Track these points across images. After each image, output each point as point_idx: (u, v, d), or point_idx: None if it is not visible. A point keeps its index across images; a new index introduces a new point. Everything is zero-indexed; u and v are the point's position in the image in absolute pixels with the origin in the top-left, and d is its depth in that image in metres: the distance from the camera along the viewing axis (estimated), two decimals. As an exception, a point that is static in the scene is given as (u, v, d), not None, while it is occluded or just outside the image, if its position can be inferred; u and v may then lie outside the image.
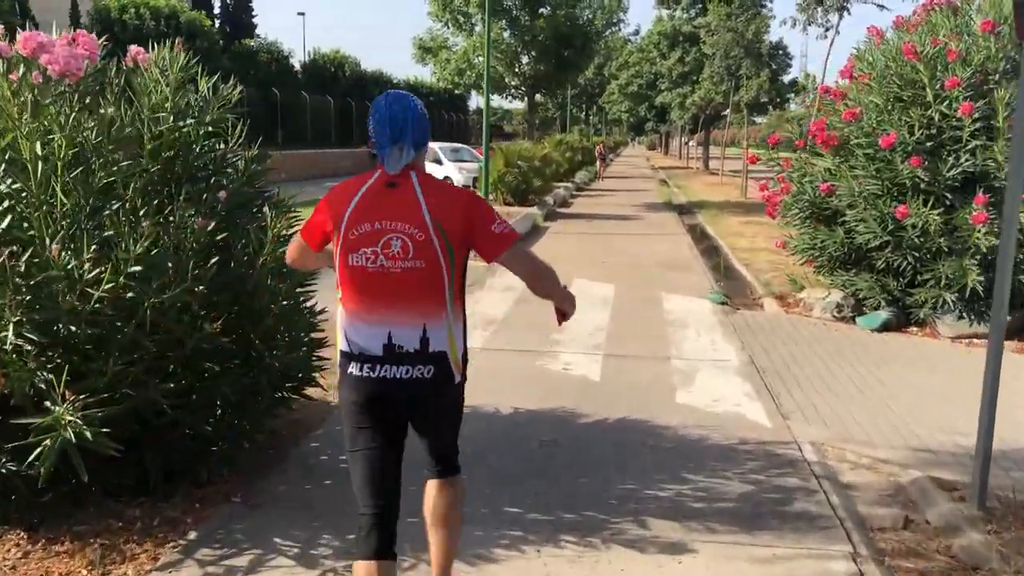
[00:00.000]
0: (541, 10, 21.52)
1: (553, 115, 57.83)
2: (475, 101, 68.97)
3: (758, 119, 42.48)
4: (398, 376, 2.55)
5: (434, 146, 25.41)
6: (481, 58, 20.16)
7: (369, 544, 2.58)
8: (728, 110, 35.57)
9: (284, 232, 4.24)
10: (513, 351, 7.16)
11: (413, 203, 2.50)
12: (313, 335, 4.64)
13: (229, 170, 4.57)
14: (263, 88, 35.97)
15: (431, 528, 2.89)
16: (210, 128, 4.45)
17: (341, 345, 2.63)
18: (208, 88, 4.54)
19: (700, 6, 41.19)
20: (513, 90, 22.73)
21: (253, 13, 57.90)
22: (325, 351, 4.61)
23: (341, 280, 2.59)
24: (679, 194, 28.56)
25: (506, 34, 21.27)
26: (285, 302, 4.29)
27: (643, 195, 27.39)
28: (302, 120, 38.67)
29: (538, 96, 25.31)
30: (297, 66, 46.57)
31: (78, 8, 30.62)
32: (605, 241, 15.07)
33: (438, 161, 24.77)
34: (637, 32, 50.51)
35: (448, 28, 21.55)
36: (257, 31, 55.30)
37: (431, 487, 2.87)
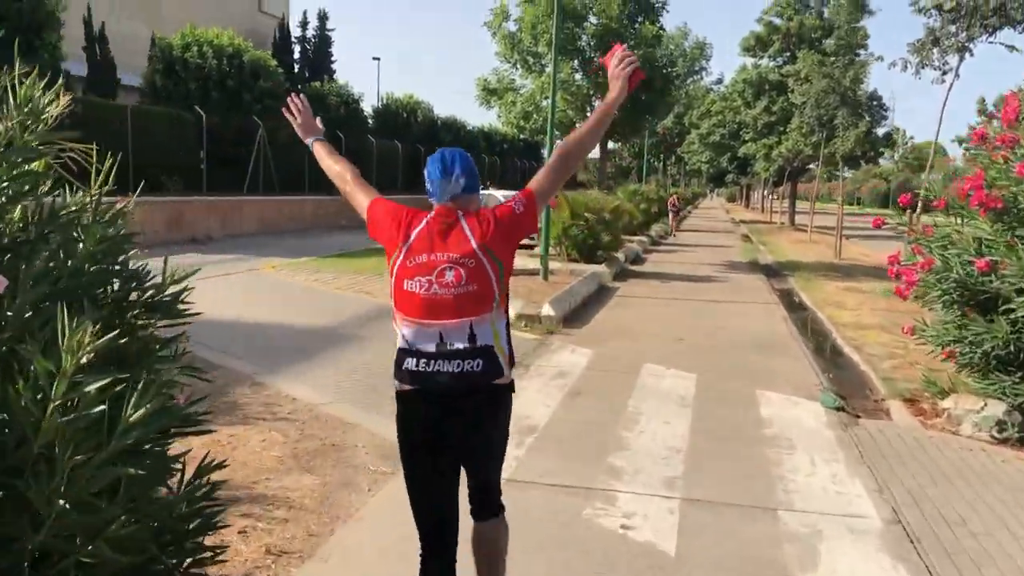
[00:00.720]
0: (617, 51, 19.72)
1: (630, 164, 56.08)
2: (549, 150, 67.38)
3: (847, 173, 39.94)
4: (451, 371, 2.83)
5: (497, 194, 23.72)
6: (548, 102, 18.33)
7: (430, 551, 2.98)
8: (818, 162, 33.12)
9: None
10: (551, 487, 5.14)
11: (462, 236, 2.87)
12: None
13: (51, 233, 2.66)
14: (331, 132, 35.05)
15: (478, 561, 3.13)
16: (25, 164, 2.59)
17: (399, 343, 2.93)
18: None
19: (788, 54, 39.04)
20: (584, 136, 21.03)
21: (332, 59, 58.01)
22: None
23: (397, 299, 2.92)
24: (765, 252, 26.20)
25: (578, 76, 19.53)
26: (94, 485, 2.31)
27: (725, 252, 25.13)
28: (369, 165, 37.62)
29: (611, 143, 23.40)
30: (369, 111, 45.94)
31: (93, 30, 29.75)
32: (682, 310, 12.97)
33: (502, 211, 23.06)
34: (720, 81, 48.55)
35: (516, 69, 19.93)
36: (335, 76, 55.27)
37: (473, 531, 3.11)
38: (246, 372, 7.65)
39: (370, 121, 44.36)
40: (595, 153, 29.13)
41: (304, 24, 56.54)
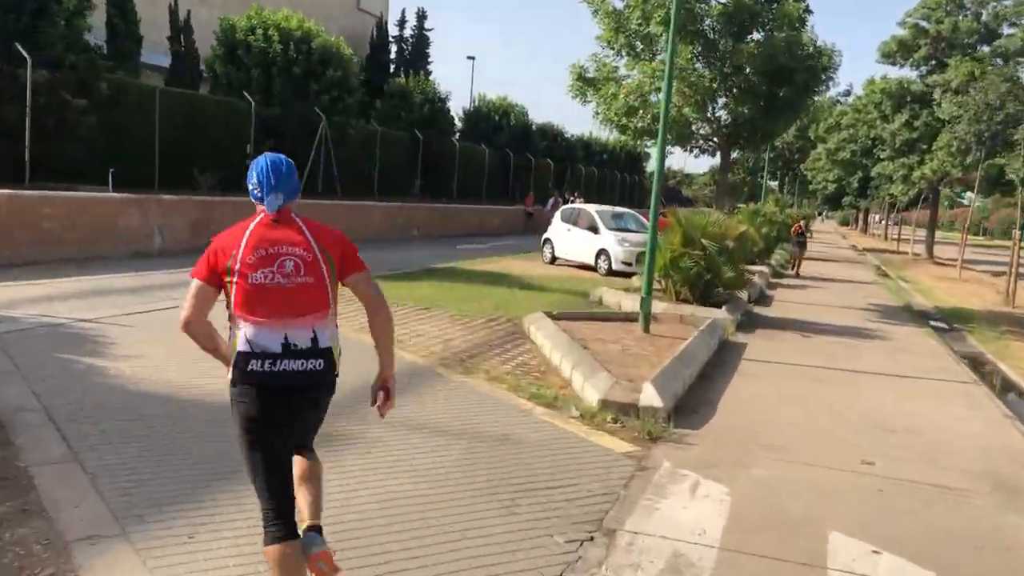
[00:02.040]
0: (753, 35, 15.60)
1: (744, 179, 51.21)
2: (655, 162, 63.59)
3: (970, 198, 34.47)
4: (295, 369, 3.16)
5: (590, 210, 19.84)
6: (661, 95, 14.40)
7: (276, 532, 3.18)
8: (972, 187, 28.04)
9: None
10: None
11: (298, 231, 3.21)
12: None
13: None
14: (411, 132, 31.89)
15: (302, 483, 3.40)
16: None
17: (240, 347, 3.12)
18: None
19: (934, 62, 33.91)
20: (702, 141, 16.82)
21: (429, 59, 55.18)
22: None
23: (241, 299, 3.11)
24: (913, 292, 21.51)
25: (699, 64, 15.51)
26: None
27: (864, 291, 20.59)
28: (450, 170, 34.27)
29: (735, 152, 19.23)
30: (460, 112, 42.77)
31: (179, 20, 27.44)
32: (844, 388, 8.86)
33: (593, 229, 19.17)
34: (848, 92, 43.32)
35: (620, 56, 16.05)
36: (430, 75, 52.32)
37: (298, 463, 3.43)
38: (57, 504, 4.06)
39: (458, 123, 41.16)
40: (692, 165, 24.87)
41: (402, 23, 54.05)
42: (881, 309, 16.91)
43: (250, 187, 3.26)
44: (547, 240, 20.80)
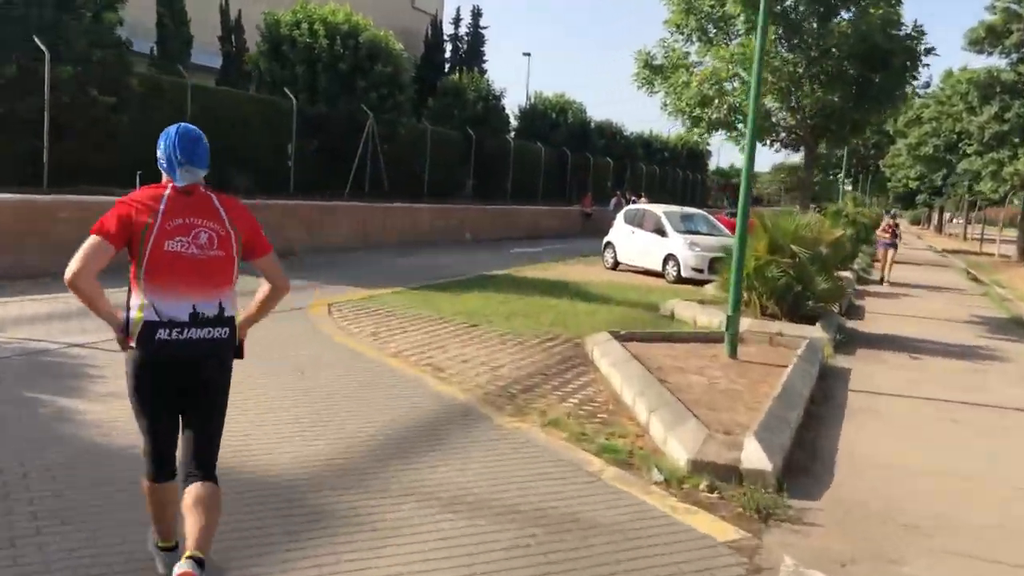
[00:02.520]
0: (841, 14, 13.81)
1: (831, 172, 48.18)
2: (716, 159, 61.34)
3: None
4: (202, 337, 3.25)
5: (657, 211, 18.23)
6: (738, 83, 12.81)
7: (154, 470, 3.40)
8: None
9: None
10: None
11: (213, 206, 3.31)
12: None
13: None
14: (464, 131, 30.58)
15: (193, 509, 3.21)
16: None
17: (146, 316, 3.17)
18: None
19: (1028, 48, 31.31)
20: (784, 134, 15.04)
21: (484, 58, 53.85)
22: None
23: (152, 265, 3.15)
24: (1014, 300, 19.38)
25: (781, 48, 13.77)
26: None
27: (961, 300, 18.57)
28: (504, 169, 32.86)
29: (822, 147, 17.35)
30: (516, 110, 41.39)
31: (230, 20, 26.61)
32: (995, 436, 7.16)
33: (660, 231, 17.55)
34: (928, 85, 40.69)
35: (691, 42, 14.42)
36: (486, 72, 50.86)
37: (194, 488, 3.28)
38: None
39: (514, 121, 39.76)
40: (758, 162, 22.80)
41: (457, 21, 52.88)
42: (988, 322, 14.97)
43: (159, 157, 3.30)
44: (608, 244, 19.22)
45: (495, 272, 16.57)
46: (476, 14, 53.48)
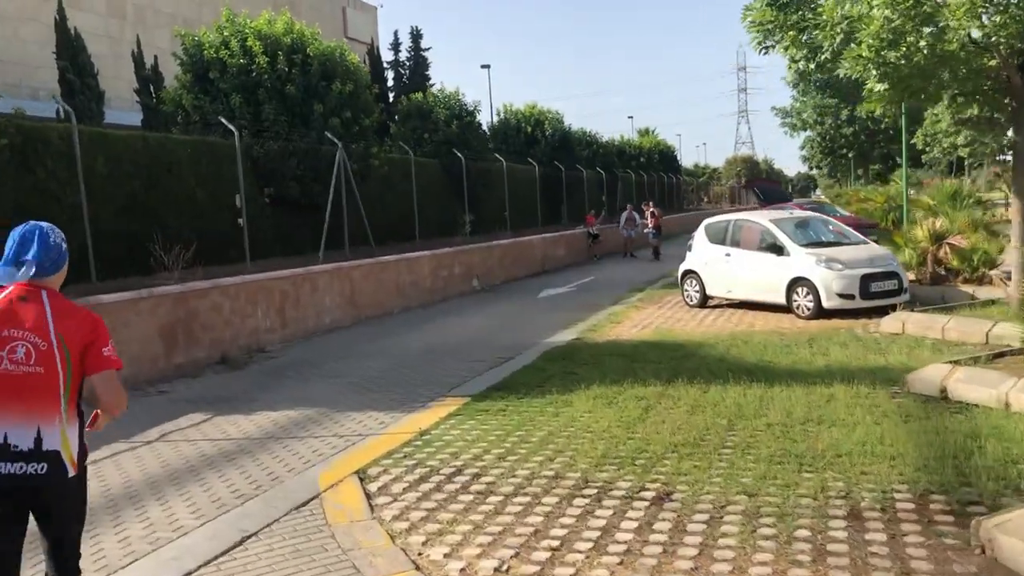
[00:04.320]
0: None
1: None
2: (687, 158, 57.19)
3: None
4: (12, 472, 2.88)
5: (760, 221, 13.28)
6: (951, 20, 7.45)
7: None
8: None
9: None
10: None
11: (39, 314, 2.94)
12: None
13: None
14: (447, 154, 25.45)
15: None
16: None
17: None
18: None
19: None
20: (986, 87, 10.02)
21: (431, 82, 48.70)
22: None
23: None
24: None
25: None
26: None
27: None
28: (497, 196, 27.75)
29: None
30: (484, 128, 36.35)
31: (145, 66, 21.48)
32: None
33: (776, 248, 12.53)
34: None
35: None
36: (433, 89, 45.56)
37: None
38: None
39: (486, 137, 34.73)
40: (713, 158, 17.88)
41: (396, 46, 47.80)
42: None
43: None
44: (690, 273, 14.15)
45: (557, 338, 11.44)
46: (416, 36, 48.69)
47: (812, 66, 9.68)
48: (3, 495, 2.90)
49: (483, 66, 42.25)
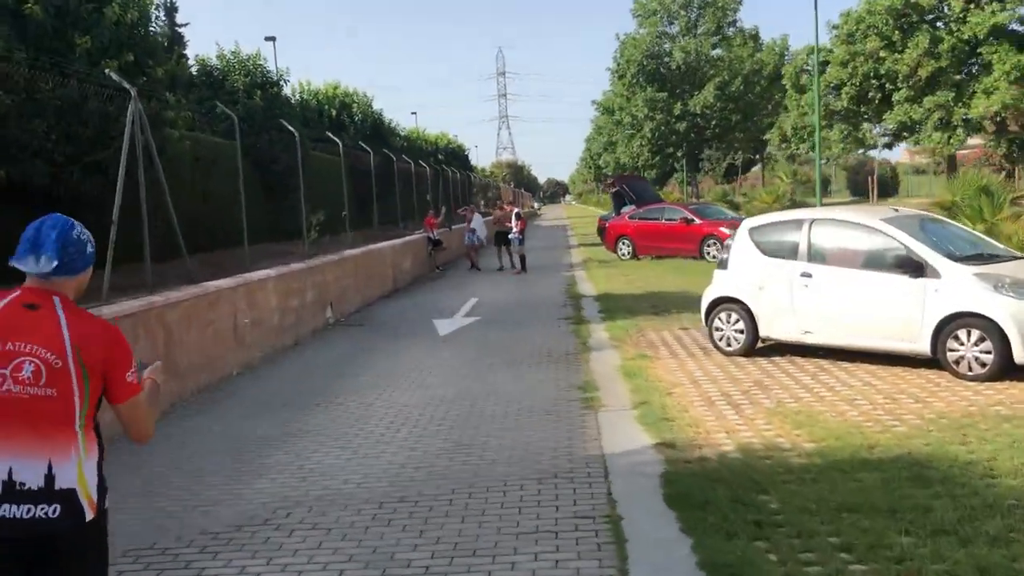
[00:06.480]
0: None
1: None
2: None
3: None
4: (18, 516, 2.26)
5: (871, 222, 8.64)
6: None
7: None
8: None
9: None
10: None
11: (53, 325, 2.34)
12: None
13: None
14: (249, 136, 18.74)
15: None
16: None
17: None
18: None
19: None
20: None
21: (186, 42, 40.50)
22: None
23: None
24: None
25: None
26: None
27: None
28: (325, 189, 21.44)
29: None
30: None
31: None
32: None
33: (907, 265, 7.83)
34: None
35: None
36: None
37: None
38: None
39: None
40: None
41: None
42: None
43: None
44: (726, 302, 9.14)
45: (621, 461, 6.03)
46: (171, 9, 40.63)
47: None
48: (7, 544, 2.25)
49: (268, 38, 35.02)
